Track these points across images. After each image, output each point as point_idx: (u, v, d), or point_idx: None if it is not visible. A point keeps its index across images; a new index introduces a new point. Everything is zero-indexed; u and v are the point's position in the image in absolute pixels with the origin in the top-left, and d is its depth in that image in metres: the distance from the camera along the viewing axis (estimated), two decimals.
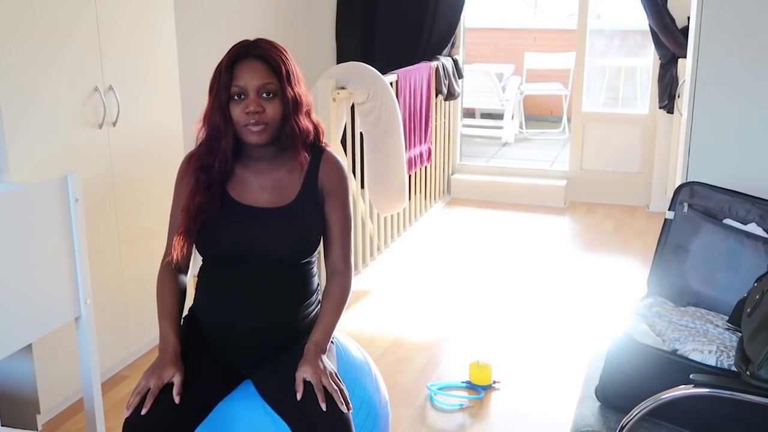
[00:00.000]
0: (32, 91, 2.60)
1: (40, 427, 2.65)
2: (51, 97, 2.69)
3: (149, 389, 1.77)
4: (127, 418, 1.76)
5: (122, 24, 2.99)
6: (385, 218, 4.53)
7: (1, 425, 2.31)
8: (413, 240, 4.88)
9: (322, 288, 2.04)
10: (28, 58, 2.57)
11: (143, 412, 1.73)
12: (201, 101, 1.96)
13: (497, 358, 3.21)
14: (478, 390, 3.01)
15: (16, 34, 2.51)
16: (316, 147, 1.99)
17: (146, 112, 3.17)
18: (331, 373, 1.81)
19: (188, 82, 3.58)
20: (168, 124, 3.31)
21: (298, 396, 1.77)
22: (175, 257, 1.97)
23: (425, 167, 5.12)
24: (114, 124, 2.96)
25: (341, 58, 5.37)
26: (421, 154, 4.87)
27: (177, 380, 1.79)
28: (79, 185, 2.27)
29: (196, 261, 2.04)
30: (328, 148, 2.02)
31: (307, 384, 1.78)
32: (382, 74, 4.06)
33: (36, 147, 2.64)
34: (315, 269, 2.03)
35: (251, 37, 1.94)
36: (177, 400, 1.76)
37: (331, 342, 1.99)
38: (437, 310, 3.83)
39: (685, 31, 4.66)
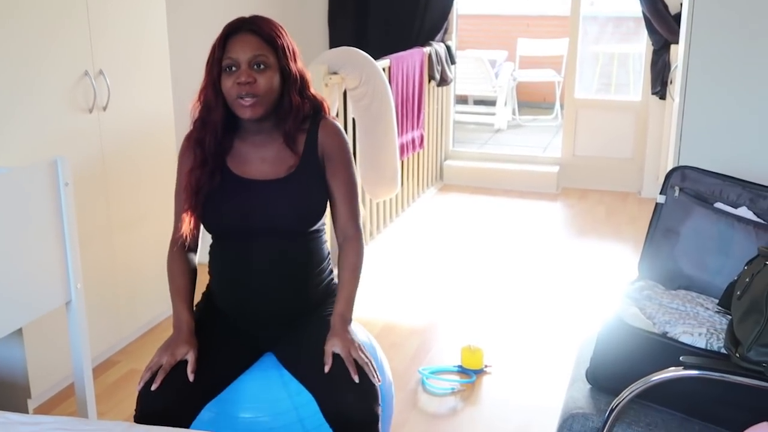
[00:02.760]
0: (22, 75, 2.59)
1: (30, 412, 2.64)
2: (41, 81, 2.67)
3: (161, 366, 1.78)
4: (140, 392, 1.78)
5: (112, 7, 2.97)
6: (378, 204, 4.53)
7: None
8: (405, 226, 4.88)
9: (333, 256, 2.04)
10: (17, 42, 2.55)
11: (153, 387, 1.75)
12: (192, 85, 1.96)
13: (489, 342, 3.22)
14: (470, 374, 3.02)
15: (4, 17, 2.49)
16: (314, 118, 1.98)
17: (137, 96, 3.15)
18: (360, 345, 1.83)
19: (179, 66, 3.56)
20: (159, 108, 3.29)
21: (326, 368, 1.78)
22: (183, 235, 1.98)
23: (417, 153, 5.12)
24: (104, 108, 2.95)
25: (334, 44, 5.34)
26: (413, 140, 4.86)
27: (191, 358, 1.80)
28: (69, 169, 2.26)
29: (206, 240, 2.04)
30: (327, 117, 2.01)
31: (335, 357, 1.79)
32: (375, 60, 4.04)
33: (26, 131, 2.62)
34: (324, 236, 2.03)
35: None
36: (191, 377, 1.78)
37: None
38: (429, 295, 3.83)
39: (678, 17, 4.65)
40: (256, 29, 1.88)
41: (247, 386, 1.91)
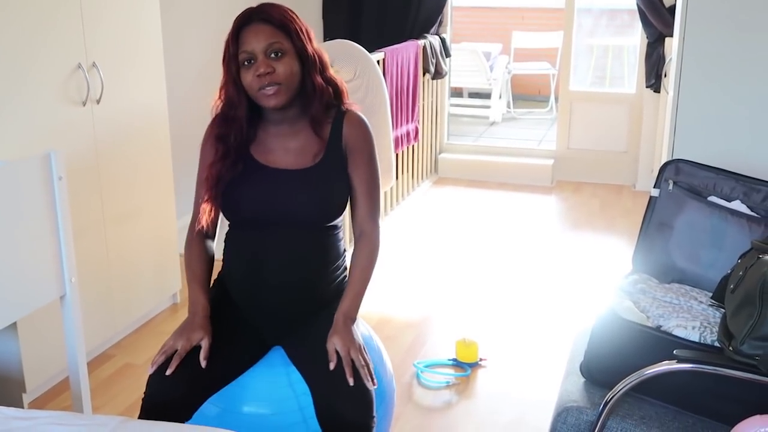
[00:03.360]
0: (15, 69, 2.57)
1: (25, 406, 2.64)
2: (34, 74, 2.66)
3: (176, 350, 1.77)
4: (151, 375, 1.76)
5: (106, 0, 2.96)
6: None
7: None
8: (400, 219, 4.88)
9: (349, 254, 2.03)
10: (10, 36, 2.54)
11: (168, 372, 1.73)
12: (186, 79, 1.95)
13: (483, 335, 3.23)
14: (465, 367, 3.02)
15: None
16: (339, 108, 1.97)
17: (130, 89, 3.14)
18: (360, 346, 1.82)
19: (173, 59, 3.55)
20: (152, 101, 3.28)
21: (331, 366, 1.77)
22: (203, 224, 1.97)
23: (412, 146, 5.11)
24: (98, 101, 2.94)
25: (328, 36, 5.33)
26: (408, 133, 4.86)
27: (205, 344, 1.79)
28: (63, 163, 2.25)
29: (223, 228, 2.03)
30: (351, 108, 1.99)
31: (338, 355, 1.79)
32: (369, 52, 4.04)
33: (19, 124, 2.61)
34: (341, 234, 2.01)
35: (237, 14, 1.92)
36: (203, 364, 1.77)
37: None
38: (424, 289, 3.84)
39: (672, 10, 4.65)
40: (266, 17, 1.85)
41: (253, 382, 1.90)
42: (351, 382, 1.74)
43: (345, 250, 2.05)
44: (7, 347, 2.49)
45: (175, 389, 1.74)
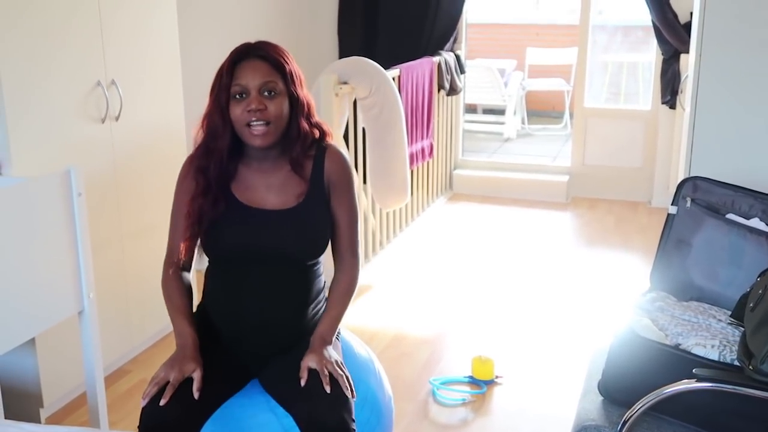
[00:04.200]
0: (35, 86, 2.60)
1: (43, 421, 2.65)
2: (54, 92, 2.69)
3: (168, 381, 1.76)
4: (144, 407, 1.75)
5: (124, 18, 2.99)
6: (388, 213, 4.53)
7: (5, 419, 2.32)
8: (415, 235, 4.88)
9: (329, 286, 2.04)
10: (30, 53, 2.57)
11: (162, 402, 1.73)
12: (203, 96, 1.96)
13: (499, 352, 3.21)
14: (481, 385, 3.01)
15: (18, 28, 2.52)
16: (319, 144, 1.98)
17: (149, 106, 3.17)
18: (336, 361, 1.82)
19: (190, 76, 3.58)
20: (170, 118, 3.31)
21: (302, 382, 1.77)
22: (179, 260, 1.98)
23: (427, 162, 5.12)
24: (117, 118, 2.96)
25: (343, 53, 5.36)
26: (422, 150, 4.87)
27: (197, 375, 1.78)
28: (82, 179, 2.28)
29: (201, 258, 2.03)
30: (331, 143, 2.01)
31: (311, 371, 1.79)
32: (384, 69, 4.06)
33: (39, 141, 2.64)
34: (321, 269, 2.02)
35: (254, 32, 1.95)
36: (196, 395, 1.76)
37: (336, 339, 1.99)
38: (439, 305, 3.83)
39: (688, 26, 4.65)
40: (264, 55, 1.87)
41: (235, 411, 1.89)
42: (328, 389, 1.74)
43: (325, 283, 2.05)
44: (26, 362, 2.51)
45: (169, 418, 1.73)
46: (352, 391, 1.79)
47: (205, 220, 1.91)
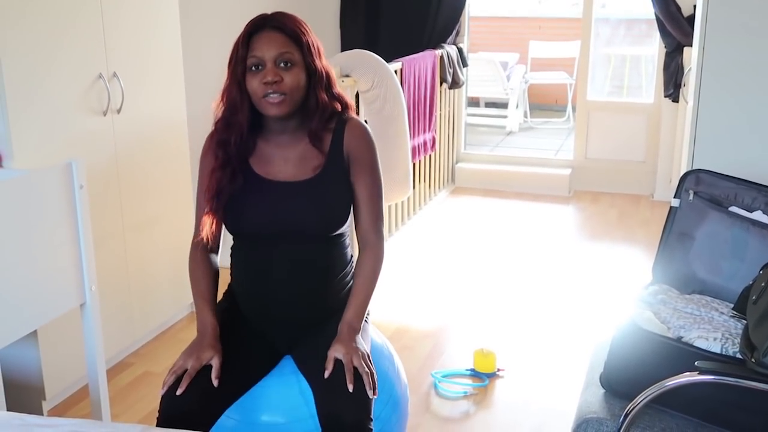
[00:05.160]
0: (37, 78, 2.60)
1: (45, 413, 2.65)
2: (55, 84, 2.69)
3: (186, 370, 1.76)
4: (163, 396, 1.76)
5: (126, 11, 2.99)
6: (390, 206, 4.53)
7: (7, 411, 2.32)
8: (417, 228, 4.88)
9: (356, 260, 2.02)
10: (32, 45, 2.57)
11: (178, 392, 1.73)
12: (205, 88, 1.95)
13: (501, 345, 3.21)
14: (482, 378, 3.01)
15: (20, 20, 2.51)
16: (340, 116, 1.95)
17: (150, 99, 3.17)
18: (363, 355, 1.80)
19: (192, 69, 3.57)
20: (172, 111, 3.30)
21: (326, 373, 1.76)
22: (204, 237, 1.96)
23: (429, 156, 5.11)
24: (118, 111, 2.96)
25: (345, 46, 5.35)
26: (425, 143, 4.86)
27: (216, 363, 1.78)
28: (84, 172, 2.27)
29: (227, 240, 2.03)
30: (353, 116, 1.98)
31: (337, 362, 1.77)
32: (387, 62, 4.05)
33: (40, 134, 2.64)
34: (348, 240, 2.00)
35: None
36: (215, 383, 1.76)
37: (366, 322, 1.98)
38: (441, 298, 3.83)
39: (691, 19, 4.64)
40: (280, 26, 1.85)
41: (266, 392, 1.90)
42: (350, 388, 1.73)
43: (352, 256, 2.04)
44: (28, 355, 2.51)
45: (188, 406, 1.73)
46: (374, 388, 1.76)
47: (224, 194, 1.90)
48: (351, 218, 2.00)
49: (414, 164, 4.63)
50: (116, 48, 2.94)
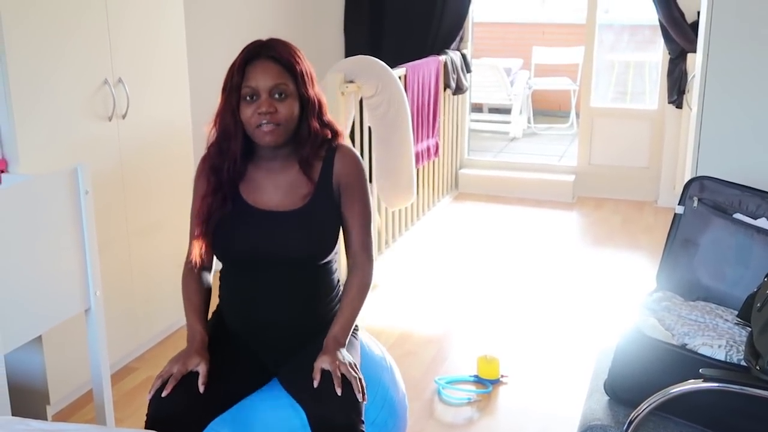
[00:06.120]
0: (42, 84, 2.61)
1: (49, 418, 2.66)
2: (61, 90, 2.70)
3: (172, 374, 1.79)
4: (150, 400, 1.78)
5: (131, 16, 3.00)
6: (393, 212, 4.53)
7: (11, 415, 2.32)
8: (421, 234, 4.88)
9: (343, 283, 2.03)
10: (37, 51, 2.58)
11: (164, 394, 1.75)
12: (210, 95, 1.96)
13: (505, 352, 3.21)
14: (486, 384, 3.01)
15: (25, 26, 2.52)
16: (330, 145, 1.97)
17: (155, 105, 3.17)
18: (349, 363, 1.82)
19: (197, 75, 3.59)
20: (177, 117, 3.31)
21: (315, 383, 1.77)
22: (194, 261, 1.98)
23: (433, 162, 5.12)
24: (123, 116, 2.97)
25: (349, 52, 5.36)
26: (428, 149, 4.86)
27: (202, 369, 1.80)
28: (89, 177, 2.28)
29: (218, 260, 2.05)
30: (343, 144, 2.00)
31: (324, 372, 1.79)
32: (391, 68, 4.05)
33: (46, 139, 2.64)
34: (335, 266, 2.02)
35: (260, 30, 1.94)
36: (201, 389, 1.78)
37: (354, 337, 2.00)
38: (445, 304, 3.83)
39: (695, 25, 4.64)
40: (275, 56, 1.86)
41: (259, 408, 1.92)
42: (339, 392, 1.74)
43: (338, 281, 2.05)
44: (32, 359, 2.52)
45: (174, 410, 1.75)
46: (363, 393, 1.79)
47: (213, 219, 1.92)
48: (339, 241, 2.01)
49: (417, 170, 4.63)
50: (121, 53, 2.95)
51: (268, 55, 1.87)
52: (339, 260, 2.04)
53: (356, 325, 2.02)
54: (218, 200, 1.91)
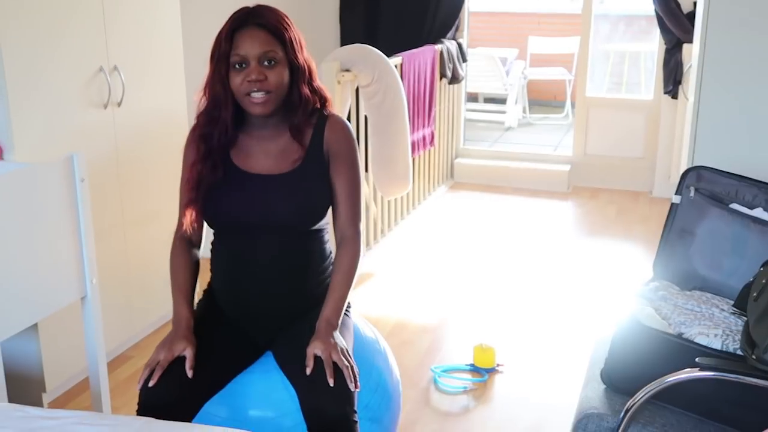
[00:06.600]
0: (37, 71, 2.60)
1: (45, 405, 2.66)
2: (56, 77, 2.68)
3: (159, 362, 1.78)
4: (140, 390, 1.77)
5: (127, 3, 2.98)
6: (389, 202, 4.53)
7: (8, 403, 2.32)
8: (416, 224, 4.88)
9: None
10: (33, 38, 2.56)
11: (150, 384, 1.75)
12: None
13: (501, 341, 3.22)
14: (482, 373, 3.02)
15: (21, 13, 2.50)
16: (321, 112, 1.97)
17: (151, 92, 3.16)
18: (342, 350, 1.81)
19: (192, 62, 3.56)
20: (172, 104, 3.30)
21: (308, 370, 1.77)
22: (185, 229, 1.98)
23: (428, 151, 5.11)
24: (119, 104, 2.96)
25: (345, 41, 5.34)
26: (424, 138, 4.86)
27: (189, 354, 1.80)
28: (85, 165, 2.27)
29: (209, 235, 2.04)
30: (334, 112, 1.99)
31: (317, 359, 1.78)
32: (387, 57, 4.04)
33: (41, 127, 2.63)
34: (327, 236, 2.01)
35: None
36: (189, 374, 1.78)
37: (348, 316, 1.99)
38: (441, 294, 3.84)
39: (691, 16, 4.64)
40: (263, 23, 1.85)
41: (253, 386, 1.92)
42: (331, 383, 1.74)
43: (331, 252, 2.04)
44: (28, 347, 2.51)
45: (165, 398, 1.75)
46: (356, 382, 1.78)
47: (203, 185, 1.91)
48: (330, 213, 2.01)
49: (413, 159, 4.63)
50: (117, 41, 2.93)
51: (256, 22, 1.86)
52: (331, 231, 2.03)
53: (349, 303, 2.02)
54: (208, 167, 1.91)
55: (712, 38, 2.71)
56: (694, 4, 4.34)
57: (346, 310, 2.00)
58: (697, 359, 1.71)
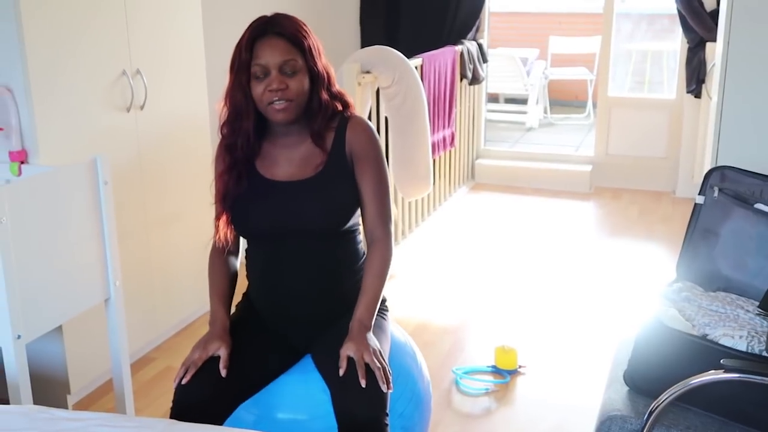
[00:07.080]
0: (61, 75, 2.62)
1: (70, 407, 2.68)
2: (79, 81, 2.71)
3: (193, 361, 1.80)
4: (175, 389, 1.80)
5: (149, 7, 3.01)
6: (410, 203, 4.53)
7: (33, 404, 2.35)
8: (437, 225, 4.87)
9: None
10: (56, 43, 2.59)
11: (183, 382, 1.77)
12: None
13: (523, 342, 3.21)
14: (504, 374, 3.01)
15: (44, 17, 2.53)
16: (342, 116, 1.97)
17: (173, 95, 3.18)
18: (374, 351, 1.81)
19: (214, 66, 3.59)
20: (194, 108, 3.32)
21: (341, 372, 1.77)
22: (218, 240, 2.00)
23: (449, 152, 5.11)
24: (141, 107, 2.98)
25: (365, 43, 5.35)
26: (444, 139, 4.85)
27: (223, 354, 1.81)
28: (108, 168, 2.30)
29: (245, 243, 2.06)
30: (355, 114, 2.00)
31: (350, 360, 1.79)
32: (407, 58, 4.04)
33: (65, 130, 2.66)
34: (359, 236, 2.02)
35: None
36: (223, 373, 1.79)
37: (384, 318, 2.00)
38: (462, 295, 3.83)
39: (714, 14, 4.59)
40: (282, 32, 1.86)
41: (287, 388, 1.92)
42: (363, 384, 1.74)
43: (364, 252, 2.04)
44: (53, 349, 2.54)
45: (199, 397, 1.76)
46: (388, 383, 1.77)
47: (229, 197, 1.93)
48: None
49: (434, 160, 4.63)
50: (139, 45, 2.95)
51: (275, 31, 1.86)
52: (362, 232, 2.03)
53: (386, 305, 2.02)
54: (233, 178, 1.93)
55: (735, 36, 2.68)
56: (717, 2, 4.30)
57: (383, 313, 2.01)
58: (722, 361, 1.69)
